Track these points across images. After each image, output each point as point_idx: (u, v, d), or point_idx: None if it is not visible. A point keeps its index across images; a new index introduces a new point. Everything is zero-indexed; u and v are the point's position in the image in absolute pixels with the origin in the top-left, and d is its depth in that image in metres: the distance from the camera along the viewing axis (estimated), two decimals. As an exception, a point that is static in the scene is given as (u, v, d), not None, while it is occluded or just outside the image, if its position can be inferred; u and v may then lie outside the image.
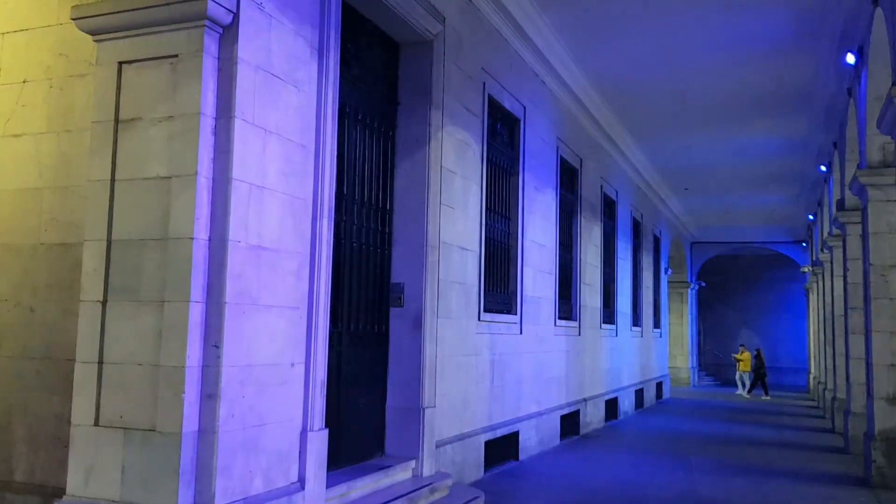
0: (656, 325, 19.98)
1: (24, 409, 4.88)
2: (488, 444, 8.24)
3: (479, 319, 7.96)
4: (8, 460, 4.89)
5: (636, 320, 17.20)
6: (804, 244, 25.19)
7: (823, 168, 14.47)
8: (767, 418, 16.06)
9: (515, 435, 9.11)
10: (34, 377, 4.87)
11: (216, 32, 4.32)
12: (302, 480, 4.82)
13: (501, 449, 8.70)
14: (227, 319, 4.21)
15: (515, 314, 9.18)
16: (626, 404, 15.51)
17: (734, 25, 9.18)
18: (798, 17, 8.94)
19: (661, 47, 9.93)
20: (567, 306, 11.60)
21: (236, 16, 4.36)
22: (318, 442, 4.96)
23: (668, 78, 11.08)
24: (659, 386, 19.74)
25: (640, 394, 17.00)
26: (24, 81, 5.13)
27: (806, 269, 22.87)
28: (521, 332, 9.29)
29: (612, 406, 14.26)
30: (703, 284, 28.02)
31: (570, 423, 11.47)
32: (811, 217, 20.05)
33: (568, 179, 11.86)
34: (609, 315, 14.43)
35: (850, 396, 11.08)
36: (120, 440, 4.13)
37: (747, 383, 22.83)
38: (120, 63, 4.41)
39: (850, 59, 8.95)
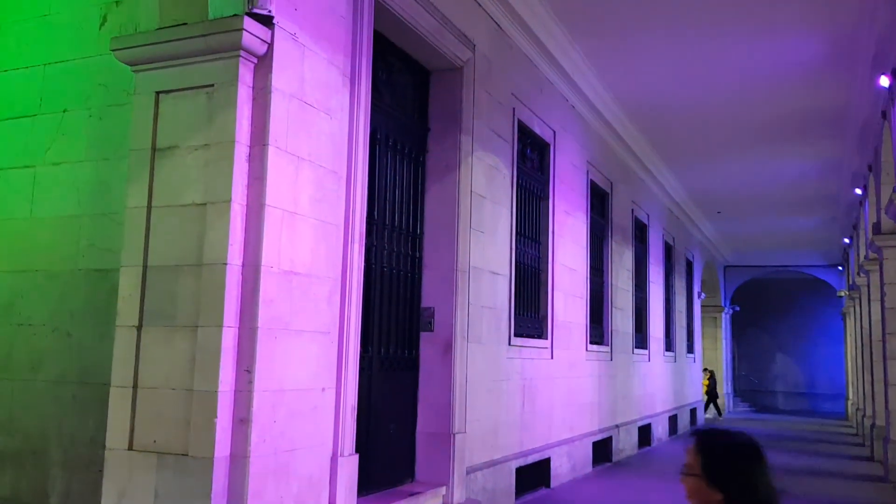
0: (690, 349, 19.69)
1: (60, 432, 4.95)
2: (519, 470, 8.16)
3: (509, 344, 7.92)
4: (44, 484, 4.95)
5: (669, 345, 16.98)
6: (840, 268, 24.76)
7: (859, 191, 14.26)
8: (805, 446, 15.72)
9: (547, 461, 9.02)
10: (70, 401, 4.95)
11: (251, 62, 4.40)
12: (332, 506, 4.82)
13: (533, 476, 8.62)
14: (260, 344, 4.24)
15: (546, 339, 9.12)
16: (660, 431, 15.29)
17: (766, 49, 9.12)
18: (830, 40, 8.86)
19: (692, 72, 9.90)
20: (598, 331, 11.51)
21: (270, 46, 4.44)
22: (349, 467, 4.96)
23: (699, 102, 11.02)
24: (693, 412, 19.42)
25: (673, 420, 16.74)
26: (64, 111, 5.27)
27: (842, 294, 22.48)
28: (552, 357, 9.22)
29: (645, 432, 14.06)
30: (738, 309, 27.62)
31: (602, 449, 11.33)
32: (847, 241, 19.72)
33: (598, 203, 11.82)
34: (641, 340, 14.27)
35: (889, 424, 10.82)
36: (153, 464, 4.16)
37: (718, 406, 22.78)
38: (157, 92, 4.50)
39: (884, 81, 8.84)
